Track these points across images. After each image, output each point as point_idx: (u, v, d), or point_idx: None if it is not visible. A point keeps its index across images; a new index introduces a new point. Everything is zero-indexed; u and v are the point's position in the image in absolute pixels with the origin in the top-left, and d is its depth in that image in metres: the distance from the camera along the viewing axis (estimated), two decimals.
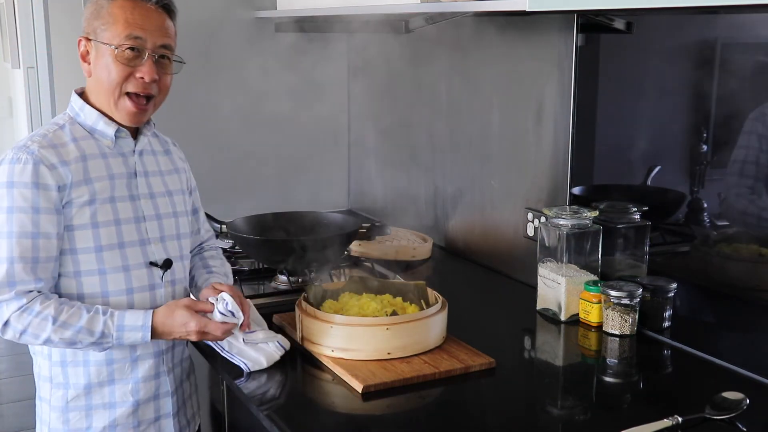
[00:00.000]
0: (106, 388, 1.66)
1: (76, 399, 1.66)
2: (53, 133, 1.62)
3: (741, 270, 1.77)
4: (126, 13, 1.59)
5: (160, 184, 1.73)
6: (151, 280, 1.67)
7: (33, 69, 4.09)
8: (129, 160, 1.68)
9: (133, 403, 1.68)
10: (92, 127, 1.65)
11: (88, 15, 1.63)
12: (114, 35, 1.59)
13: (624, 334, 1.87)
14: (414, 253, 2.54)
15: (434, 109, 2.68)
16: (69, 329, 1.54)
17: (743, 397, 1.51)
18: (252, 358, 1.69)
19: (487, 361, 1.70)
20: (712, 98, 1.79)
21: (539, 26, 2.17)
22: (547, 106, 2.18)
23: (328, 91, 3.14)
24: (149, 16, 1.61)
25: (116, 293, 1.62)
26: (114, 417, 1.67)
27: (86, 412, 1.67)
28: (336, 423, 1.56)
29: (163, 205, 1.72)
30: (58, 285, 1.61)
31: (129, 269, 1.64)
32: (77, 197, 1.58)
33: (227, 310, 1.63)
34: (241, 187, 3.02)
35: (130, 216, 1.65)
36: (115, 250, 1.62)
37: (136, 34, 1.59)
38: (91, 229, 1.59)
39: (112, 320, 1.56)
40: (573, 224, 1.95)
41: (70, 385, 1.66)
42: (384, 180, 3.02)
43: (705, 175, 1.82)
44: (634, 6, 1.54)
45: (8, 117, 5.72)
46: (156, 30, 1.61)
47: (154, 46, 1.61)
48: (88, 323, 1.55)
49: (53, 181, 1.55)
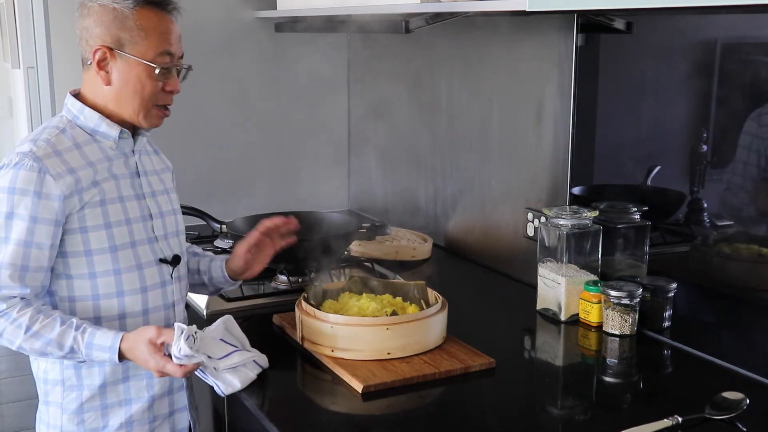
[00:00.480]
0: (121, 385, 1.67)
1: (91, 399, 1.65)
2: (55, 137, 1.60)
3: (741, 270, 1.77)
4: (154, 25, 1.58)
5: (158, 183, 1.74)
6: (162, 277, 1.68)
7: (33, 69, 4.08)
8: (130, 160, 1.68)
9: (149, 399, 1.69)
10: (94, 129, 1.63)
11: (107, 22, 1.57)
12: (147, 50, 1.57)
13: (624, 334, 1.87)
14: (414, 253, 2.54)
15: (434, 109, 2.68)
16: (39, 340, 1.53)
17: (743, 397, 1.51)
18: (226, 380, 1.62)
19: (487, 361, 1.70)
20: (712, 98, 1.79)
21: (539, 26, 2.17)
22: (547, 106, 2.18)
23: (328, 90, 3.15)
24: (172, 28, 1.61)
25: (131, 292, 1.63)
26: (130, 413, 1.67)
27: (102, 411, 1.66)
28: (336, 423, 1.56)
29: (164, 202, 1.74)
30: (71, 287, 1.60)
31: (142, 267, 1.65)
32: (90, 199, 1.58)
33: (182, 355, 1.52)
34: (241, 187, 3.02)
35: (138, 215, 1.66)
36: (128, 249, 1.63)
37: (170, 50, 1.60)
38: (104, 230, 1.60)
39: (82, 336, 1.54)
40: (573, 224, 1.95)
41: (84, 386, 1.65)
42: (384, 180, 3.02)
43: (705, 175, 1.82)
44: (634, 6, 1.54)
45: (8, 117, 5.71)
46: (177, 42, 1.62)
47: (177, 59, 1.63)
48: (58, 336, 1.53)
49: (58, 191, 1.54)
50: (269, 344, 1.88)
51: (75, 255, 1.59)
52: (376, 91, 3.03)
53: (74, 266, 1.60)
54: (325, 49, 3.10)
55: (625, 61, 2.03)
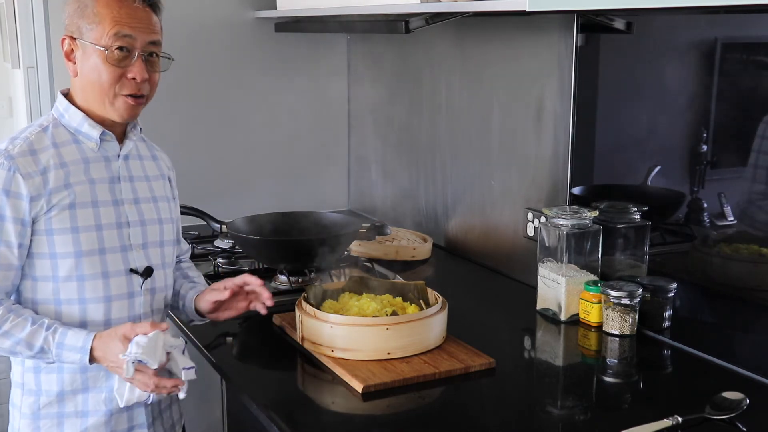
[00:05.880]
0: (80, 396, 1.61)
1: (48, 406, 1.61)
2: (35, 135, 1.58)
3: (741, 270, 1.77)
4: (112, 11, 1.55)
5: (145, 190, 1.68)
6: (130, 288, 1.62)
7: (33, 69, 4.07)
8: (113, 164, 1.63)
9: (106, 413, 1.62)
10: (77, 129, 1.60)
11: (71, 12, 1.59)
12: (101, 35, 1.54)
13: (624, 334, 1.87)
14: (414, 253, 2.54)
15: (434, 109, 2.68)
16: (9, 339, 1.51)
17: (743, 397, 1.51)
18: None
19: (487, 361, 1.70)
20: (712, 98, 1.79)
21: (539, 26, 2.17)
22: (547, 106, 2.18)
23: (328, 90, 3.15)
24: (136, 13, 1.57)
25: (94, 300, 1.58)
26: (86, 426, 1.62)
27: (58, 420, 1.61)
28: (336, 423, 1.56)
29: (148, 210, 1.67)
30: (35, 289, 1.57)
31: (108, 276, 1.59)
32: (58, 201, 1.54)
33: (189, 367, 1.50)
34: (241, 187, 3.02)
35: (112, 221, 1.60)
36: (95, 256, 1.57)
37: (125, 32, 1.55)
38: (71, 234, 1.55)
39: (53, 337, 1.51)
40: (573, 224, 1.95)
41: (42, 392, 1.61)
42: (384, 180, 3.02)
43: (705, 175, 1.82)
44: (634, 6, 1.54)
45: (8, 117, 5.71)
46: (144, 27, 1.57)
47: (143, 44, 1.57)
48: (28, 336, 1.50)
49: (26, 191, 1.51)
50: (269, 344, 1.88)
51: (40, 257, 1.56)
52: (376, 91, 3.03)
53: (38, 268, 1.56)
54: (325, 49, 3.11)
55: (625, 61, 2.03)
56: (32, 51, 3.87)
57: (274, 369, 1.73)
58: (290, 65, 3.06)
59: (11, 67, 5.10)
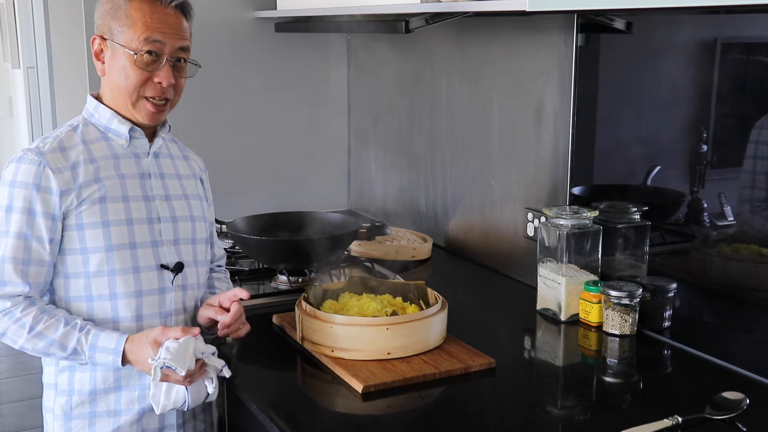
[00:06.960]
0: (112, 394, 1.63)
1: (81, 406, 1.62)
2: (65, 134, 1.61)
3: (741, 270, 1.77)
4: (144, 15, 1.57)
5: (177, 187, 1.70)
6: (161, 284, 1.63)
7: (33, 69, 4.08)
8: (142, 161, 1.66)
9: (139, 411, 1.64)
10: (106, 126, 1.63)
11: (103, 13, 1.61)
12: (132, 38, 1.57)
13: (624, 334, 1.87)
14: (414, 253, 2.54)
15: (434, 109, 2.68)
16: (42, 340, 1.52)
17: (743, 397, 1.51)
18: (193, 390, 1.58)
19: (487, 361, 1.70)
20: (712, 98, 1.79)
21: (539, 26, 2.17)
22: (547, 106, 2.18)
23: (328, 90, 3.15)
24: (167, 19, 1.59)
25: (125, 295, 1.59)
26: (118, 425, 1.63)
27: (89, 419, 1.63)
28: (336, 423, 1.56)
29: (180, 207, 1.69)
30: (68, 286, 1.59)
31: (139, 270, 1.60)
32: (89, 195, 1.56)
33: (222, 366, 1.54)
34: (241, 187, 3.02)
35: (142, 216, 1.62)
36: (126, 251, 1.59)
37: (155, 37, 1.57)
38: (101, 228, 1.57)
39: (86, 338, 1.53)
40: (573, 224, 1.95)
41: (74, 392, 1.62)
42: (384, 180, 3.02)
43: (705, 175, 1.82)
44: (634, 6, 1.54)
45: (8, 117, 5.72)
46: (174, 33, 1.60)
47: (172, 49, 1.60)
48: (62, 337, 1.52)
49: (56, 186, 1.53)
50: (269, 344, 1.88)
51: (71, 252, 1.57)
52: (376, 91, 3.03)
53: (70, 264, 1.58)
54: (325, 49, 3.11)
55: (625, 61, 2.03)
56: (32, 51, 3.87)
57: (274, 369, 1.73)
58: (290, 65, 3.06)
59: (11, 67, 5.11)
